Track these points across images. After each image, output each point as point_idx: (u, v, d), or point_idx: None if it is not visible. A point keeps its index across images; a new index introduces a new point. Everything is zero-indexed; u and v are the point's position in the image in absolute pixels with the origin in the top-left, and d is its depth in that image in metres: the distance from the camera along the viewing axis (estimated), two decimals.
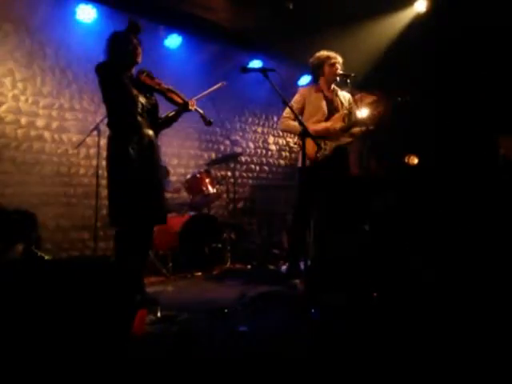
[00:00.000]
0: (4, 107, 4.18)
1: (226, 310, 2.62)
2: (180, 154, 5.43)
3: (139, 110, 2.80)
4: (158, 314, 2.52)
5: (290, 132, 3.91)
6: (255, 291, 3.11)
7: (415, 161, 6.43)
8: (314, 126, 3.44)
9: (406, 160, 6.44)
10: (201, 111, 3.08)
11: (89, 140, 4.42)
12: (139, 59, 2.86)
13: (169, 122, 3.09)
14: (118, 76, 2.72)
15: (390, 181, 5.81)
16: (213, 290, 3.45)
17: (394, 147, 6.28)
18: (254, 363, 1.97)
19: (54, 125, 4.49)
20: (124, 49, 2.78)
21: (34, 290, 1.81)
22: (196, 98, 3.13)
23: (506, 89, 5.65)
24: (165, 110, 3.13)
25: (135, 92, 2.80)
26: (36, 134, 4.36)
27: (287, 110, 3.52)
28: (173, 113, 3.06)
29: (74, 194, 4.59)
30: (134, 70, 2.91)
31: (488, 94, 5.80)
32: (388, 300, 2.76)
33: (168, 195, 4.58)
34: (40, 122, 4.39)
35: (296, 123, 3.42)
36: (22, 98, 4.28)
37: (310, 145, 3.37)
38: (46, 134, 4.43)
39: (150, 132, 2.87)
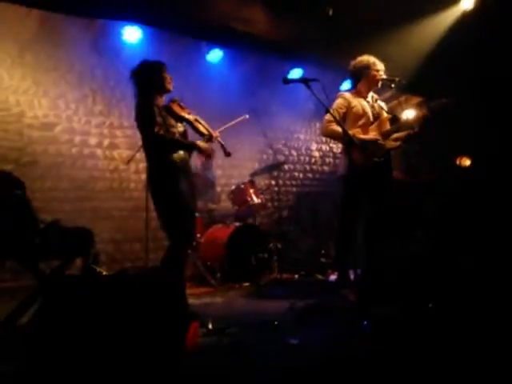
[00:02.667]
0: (59, 128, 4.43)
1: (276, 323, 2.61)
2: (223, 164, 5.51)
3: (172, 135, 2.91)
4: (210, 326, 2.56)
5: (334, 138, 3.77)
6: (304, 302, 3.08)
7: (467, 162, 6.17)
8: (362, 136, 3.37)
9: (458, 162, 6.19)
10: (222, 142, 3.16)
11: (138, 155, 4.58)
12: (170, 87, 3.03)
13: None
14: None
15: (442, 184, 5.61)
16: (261, 301, 3.45)
17: (445, 149, 6.06)
18: (305, 377, 1.95)
19: (106, 142, 4.70)
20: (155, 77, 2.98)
21: (93, 305, 1.89)
22: (219, 130, 3.28)
23: None
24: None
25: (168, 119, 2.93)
26: (89, 151, 4.59)
27: (328, 115, 3.45)
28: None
29: (126, 208, 4.77)
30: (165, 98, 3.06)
31: None
32: (444, 311, 2.66)
33: (213, 206, 4.68)
34: (92, 141, 4.61)
35: (340, 129, 3.40)
36: (75, 118, 4.52)
37: (355, 153, 3.32)
38: (99, 152, 4.66)
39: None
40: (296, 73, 5.19)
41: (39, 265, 2.46)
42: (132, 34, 4.13)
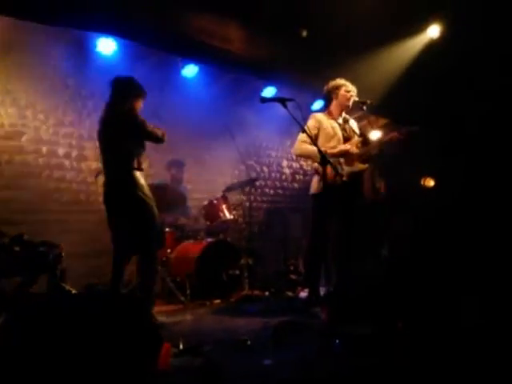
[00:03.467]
0: (25, 137, 4.29)
1: (248, 342, 2.59)
2: (195, 179, 5.47)
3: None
4: (181, 347, 2.50)
5: (307, 157, 3.86)
6: (276, 320, 3.07)
7: (431, 183, 6.41)
8: (330, 150, 3.45)
9: (423, 182, 6.42)
10: None
11: None
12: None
13: None
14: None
15: (406, 204, 5.79)
16: (232, 319, 3.41)
17: (408, 169, 6.27)
18: None
19: (74, 153, 4.58)
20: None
21: (60, 324, 1.82)
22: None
23: None
24: None
25: None
26: (57, 162, 4.46)
27: (303, 134, 3.52)
28: None
29: (93, 221, 4.64)
30: None
31: (501, 113, 5.80)
32: (413, 329, 2.72)
33: (184, 221, 4.63)
34: (60, 151, 4.49)
35: (313, 148, 3.47)
36: (44, 127, 4.39)
37: (328, 170, 3.38)
38: (66, 163, 4.53)
39: None
40: (269, 91, 5.26)
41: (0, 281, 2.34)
42: (107, 46, 4.08)
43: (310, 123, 3.57)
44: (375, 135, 6.33)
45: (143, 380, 1.92)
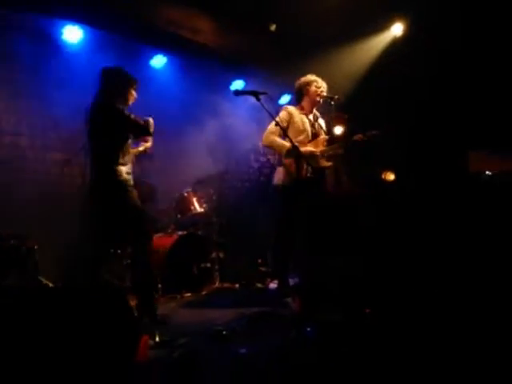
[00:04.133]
0: None
1: (224, 332, 2.63)
2: (164, 171, 5.41)
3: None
4: (157, 339, 2.51)
5: (274, 149, 3.78)
6: (249, 311, 3.13)
7: (392, 177, 6.64)
8: (300, 147, 3.50)
9: (383, 176, 6.65)
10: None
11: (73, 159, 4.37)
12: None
13: None
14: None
15: (368, 197, 5.98)
16: (205, 311, 3.44)
17: (370, 164, 6.48)
18: None
19: (38, 144, 4.42)
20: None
21: (40, 318, 1.79)
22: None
23: (476, 105, 5.97)
24: None
25: None
26: (19, 153, 4.29)
27: (272, 125, 3.56)
28: None
29: (58, 214, 4.50)
30: None
31: (458, 110, 6.11)
32: (381, 315, 2.85)
33: (155, 214, 4.58)
34: (23, 142, 4.32)
35: (282, 141, 3.54)
36: (5, 116, 4.21)
37: (293, 164, 3.45)
38: (29, 153, 4.37)
39: None
40: (238, 84, 5.28)
41: None
42: (73, 34, 3.95)
43: (282, 115, 3.60)
44: (338, 130, 6.48)
45: (122, 372, 1.92)
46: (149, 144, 3.37)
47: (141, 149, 3.42)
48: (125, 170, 3.01)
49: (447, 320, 2.66)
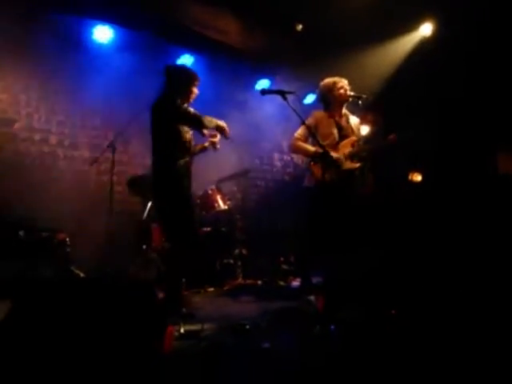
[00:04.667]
0: (17, 125, 4.25)
1: (247, 327, 2.65)
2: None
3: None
4: (182, 330, 2.56)
5: (301, 154, 3.78)
6: (272, 307, 3.15)
7: (419, 178, 6.55)
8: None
9: (410, 177, 6.56)
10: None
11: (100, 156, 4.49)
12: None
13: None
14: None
15: (396, 197, 5.92)
16: (227, 306, 3.47)
17: (397, 165, 6.41)
18: (278, 379, 2.02)
19: (67, 142, 4.56)
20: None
21: (70, 308, 1.85)
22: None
23: (505, 107, 5.84)
24: None
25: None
26: (49, 150, 4.43)
27: (299, 130, 3.60)
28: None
29: (86, 210, 4.63)
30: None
31: (487, 112, 5.98)
32: (406, 317, 2.82)
33: None
34: (53, 139, 4.47)
35: (306, 146, 3.56)
36: (36, 116, 4.36)
37: (318, 167, 3.46)
38: (59, 151, 4.51)
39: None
40: (263, 83, 5.31)
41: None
42: (103, 34, 4.06)
43: (308, 120, 3.58)
44: (364, 130, 6.44)
45: (148, 360, 1.97)
46: (215, 139, 3.36)
47: (206, 144, 3.43)
48: (183, 164, 3.06)
49: (473, 323, 2.63)
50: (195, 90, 3.20)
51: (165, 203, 3.01)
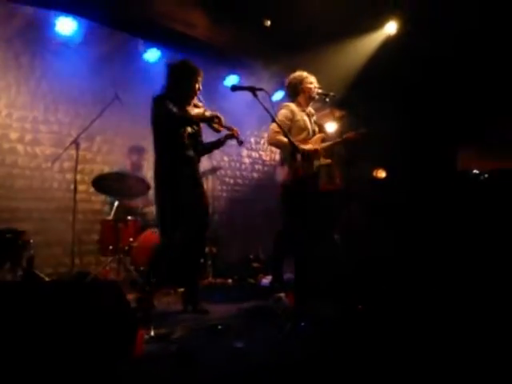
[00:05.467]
0: None
1: (219, 327, 2.63)
2: None
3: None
4: (152, 333, 2.50)
5: (280, 147, 3.71)
6: (243, 306, 3.14)
7: (383, 174, 6.70)
8: (302, 146, 3.49)
9: (375, 174, 6.70)
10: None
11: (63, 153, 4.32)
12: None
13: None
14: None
15: (360, 193, 6.03)
16: None
17: (361, 161, 6.53)
18: (252, 379, 2.01)
19: (28, 137, 4.36)
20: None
21: (36, 313, 1.77)
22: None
23: (467, 105, 6.07)
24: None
25: None
26: (9, 146, 4.22)
27: (275, 124, 3.55)
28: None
29: (47, 209, 4.45)
30: None
31: (449, 110, 6.19)
32: (372, 312, 2.88)
33: (147, 210, 4.57)
34: (13, 135, 4.25)
35: (286, 139, 3.53)
36: None
37: (299, 162, 3.45)
38: (19, 147, 4.30)
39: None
40: (232, 79, 5.26)
41: None
42: (66, 26, 3.89)
43: (285, 113, 3.56)
44: (331, 127, 6.53)
45: (119, 366, 1.91)
46: (231, 132, 3.32)
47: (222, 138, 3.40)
48: (180, 161, 3.06)
49: (440, 317, 2.71)
50: (198, 85, 3.17)
51: (156, 196, 3.09)
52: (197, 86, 3.17)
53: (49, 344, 1.74)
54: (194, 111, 3.13)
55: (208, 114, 3.14)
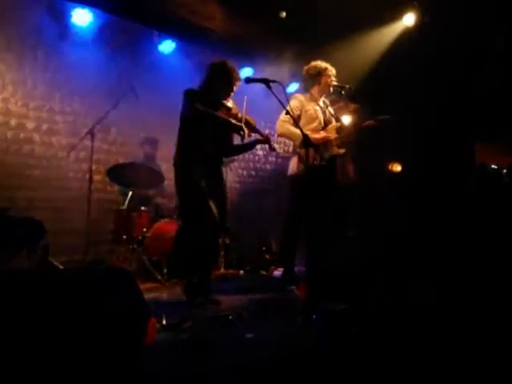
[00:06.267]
0: None
1: (230, 317, 2.65)
2: (169, 157, 5.41)
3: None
4: (164, 322, 2.53)
5: (289, 137, 3.74)
6: (254, 297, 3.15)
7: (398, 168, 6.63)
8: (313, 135, 3.48)
9: (390, 167, 6.64)
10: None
11: (79, 143, 4.37)
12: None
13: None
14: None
15: (374, 188, 5.98)
16: None
17: (377, 155, 6.47)
18: (262, 370, 2.02)
19: (44, 127, 4.42)
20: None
21: (50, 301, 1.80)
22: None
23: (483, 99, 5.95)
24: None
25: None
26: (25, 136, 4.29)
27: (286, 115, 3.52)
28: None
29: (63, 198, 4.52)
30: None
31: (465, 104, 6.08)
32: (384, 306, 2.87)
33: (160, 200, 4.60)
34: (30, 125, 4.32)
35: (296, 129, 3.50)
36: (12, 100, 4.20)
37: (309, 152, 3.43)
38: (36, 137, 4.37)
39: None
40: (247, 72, 5.24)
41: None
42: (82, 17, 3.92)
43: (293, 104, 3.54)
44: (346, 120, 6.46)
45: (132, 354, 1.94)
46: (261, 138, 3.34)
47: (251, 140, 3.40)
48: (199, 156, 3.09)
49: (448, 313, 2.69)
50: (234, 89, 3.21)
51: (176, 189, 3.19)
52: (230, 87, 3.18)
53: (63, 333, 1.78)
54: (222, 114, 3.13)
55: (233, 122, 3.11)
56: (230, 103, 3.20)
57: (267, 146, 3.34)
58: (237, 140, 3.33)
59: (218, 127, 3.16)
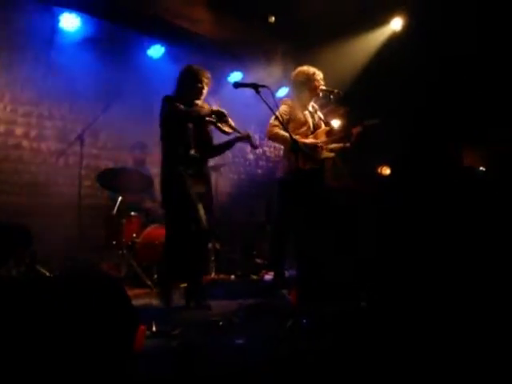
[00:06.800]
0: None
1: (220, 323, 2.64)
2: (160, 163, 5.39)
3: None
4: (153, 329, 2.51)
5: (279, 141, 3.76)
6: (245, 302, 3.15)
7: (387, 171, 6.68)
8: (302, 140, 3.50)
9: (379, 171, 6.68)
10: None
11: (68, 149, 4.34)
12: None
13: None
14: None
15: (366, 192, 6.01)
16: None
17: (367, 159, 6.51)
18: (253, 376, 2.02)
19: (33, 133, 4.39)
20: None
21: (35, 307, 1.78)
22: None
23: (470, 102, 6.02)
24: None
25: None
26: (14, 142, 4.25)
27: (273, 119, 3.54)
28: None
29: (52, 205, 4.48)
30: None
31: (453, 107, 6.15)
32: (376, 309, 2.88)
33: (150, 205, 4.58)
34: (18, 130, 4.28)
35: (285, 134, 3.50)
36: (0, 105, 4.16)
37: (297, 156, 3.44)
38: (25, 143, 4.33)
39: None
40: (236, 76, 5.25)
41: None
42: (70, 22, 3.90)
43: (282, 109, 3.56)
44: (335, 124, 6.51)
45: (121, 362, 1.93)
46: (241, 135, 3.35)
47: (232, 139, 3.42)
48: (184, 160, 3.12)
49: (442, 315, 2.70)
50: (201, 85, 3.25)
51: (162, 194, 3.22)
52: (199, 85, 3.23)
53: (50, 340, 1.76)
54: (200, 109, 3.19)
55: (208, 109, 3.21)
56: (200, 101, 3.27)
57: (249, 144, 3.35)
58: (216, 140, 3.39)
59: (199, 126, 3.21)
